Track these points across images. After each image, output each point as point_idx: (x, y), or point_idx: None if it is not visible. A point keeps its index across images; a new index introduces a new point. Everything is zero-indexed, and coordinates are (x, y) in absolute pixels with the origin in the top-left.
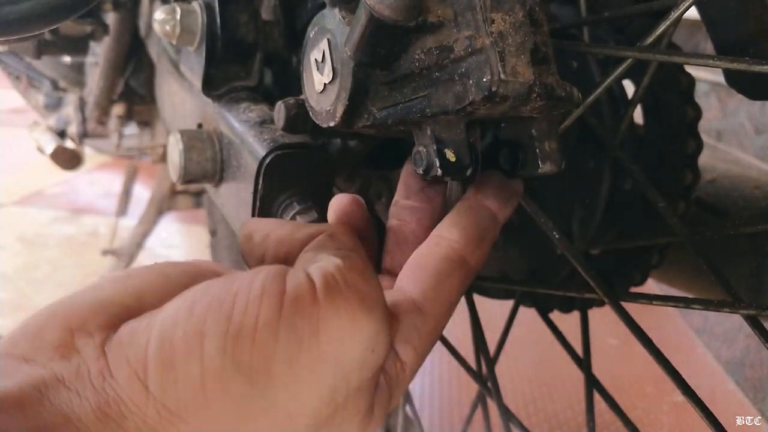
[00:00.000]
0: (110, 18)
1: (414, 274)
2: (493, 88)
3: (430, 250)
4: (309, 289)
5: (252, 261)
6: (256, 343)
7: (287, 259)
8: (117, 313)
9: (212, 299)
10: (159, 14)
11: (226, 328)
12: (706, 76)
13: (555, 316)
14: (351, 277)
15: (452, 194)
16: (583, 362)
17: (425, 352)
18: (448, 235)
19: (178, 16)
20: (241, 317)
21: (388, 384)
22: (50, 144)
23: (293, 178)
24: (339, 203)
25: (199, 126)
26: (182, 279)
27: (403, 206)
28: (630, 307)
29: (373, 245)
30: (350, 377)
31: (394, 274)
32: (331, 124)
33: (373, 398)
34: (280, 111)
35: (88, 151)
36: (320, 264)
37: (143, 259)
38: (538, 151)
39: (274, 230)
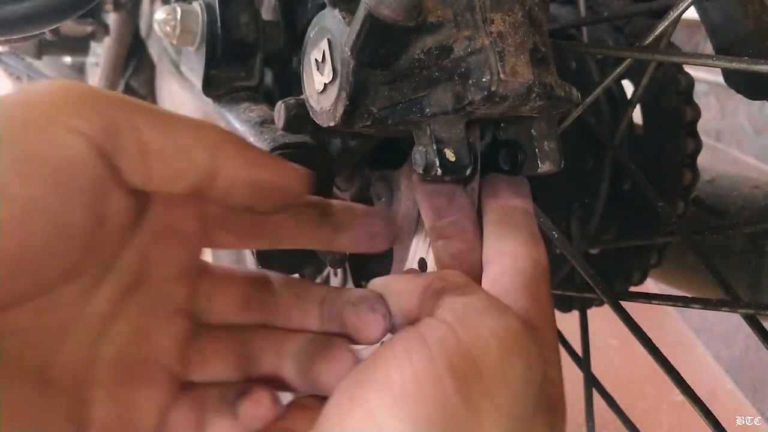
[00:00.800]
0: (111, 18)
1: (506, 301)
2: (493, 88)
3: (502, 270)
4: (449, 332)
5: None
6: (434, 403)
7: (410, 309)
8: None
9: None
10: (160, 14)
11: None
12: (705, 77)
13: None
14: (474, 303)
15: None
16: (583, 361)
17: (559, 362)
18: (504, 248)
19: (179, 17)
20: (412, 393)
21: (555, 405)
22: None
23: None
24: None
25: None
26: None
27: (442, 225)
28: (629, 307)
29: None
30: (522, 398)
31: None
32: (331, 124)
33: (550, 419)
34: (280, 111)
35: None
36: (446, 306)
37: None
38: (537, 150)
39: (393, 284)
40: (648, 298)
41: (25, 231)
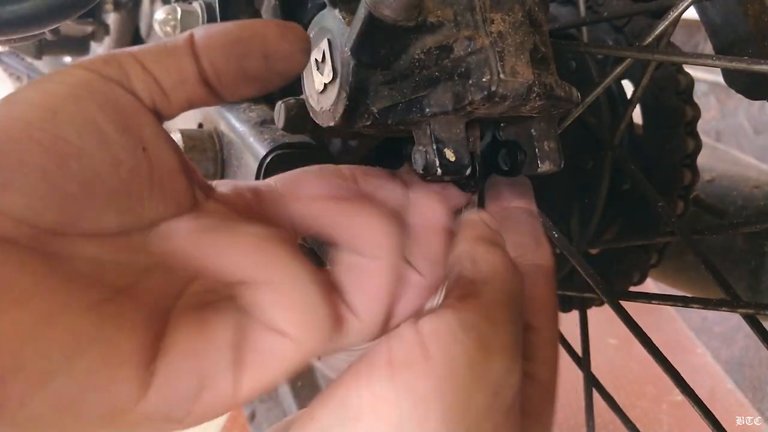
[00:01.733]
0: (111, 18)
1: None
2: (493, 88)
3: None
4: (418, 350)
5: None
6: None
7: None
8: None
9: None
10: (160, 14)
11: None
12: (705, 77)
13: None
14: (463, 320)
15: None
16: (583, 361)
17: (555, 360)
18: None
19: (179, 17)
20: (366, 417)
21: (537, 407)
22: None
23: None
24: None
25: (200, 126)
26: None
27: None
28: (629, 307)
29: None
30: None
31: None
32: (331, 123)
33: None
34: (280, 111)
35: None
36: (440, 312)
37: None
38: (537, 150)
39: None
40: (648, 298)
41: (53, 130)
